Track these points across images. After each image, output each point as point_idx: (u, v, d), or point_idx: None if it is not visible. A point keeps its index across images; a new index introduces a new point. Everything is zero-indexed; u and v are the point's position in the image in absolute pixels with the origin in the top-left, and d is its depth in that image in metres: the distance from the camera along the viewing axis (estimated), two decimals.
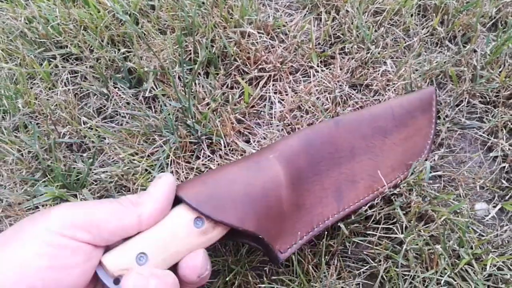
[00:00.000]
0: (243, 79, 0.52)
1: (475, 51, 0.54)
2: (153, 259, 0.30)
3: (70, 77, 0.54)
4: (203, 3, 0.56)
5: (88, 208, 0.30)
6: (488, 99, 0.51)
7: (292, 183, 0.38)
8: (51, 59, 0.55)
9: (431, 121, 0.47)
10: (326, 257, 0.42)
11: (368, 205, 0.42)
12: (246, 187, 0.35)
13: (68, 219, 0.28)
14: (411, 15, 0.56)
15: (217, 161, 0.47)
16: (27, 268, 0.26)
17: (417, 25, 0.57)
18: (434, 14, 0.57)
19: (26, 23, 0.57)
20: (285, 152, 0.39)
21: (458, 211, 0.43)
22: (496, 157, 0.48)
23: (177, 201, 0.33)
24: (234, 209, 0.33)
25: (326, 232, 0.43)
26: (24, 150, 0.48)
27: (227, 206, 0.33)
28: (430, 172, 0.44)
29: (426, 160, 0.45)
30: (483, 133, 0.49)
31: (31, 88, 0.53)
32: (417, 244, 0.40)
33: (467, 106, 0.50)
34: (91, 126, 0.50)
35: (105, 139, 0.49)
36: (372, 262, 0.41)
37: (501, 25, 0.57)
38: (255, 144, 0.48)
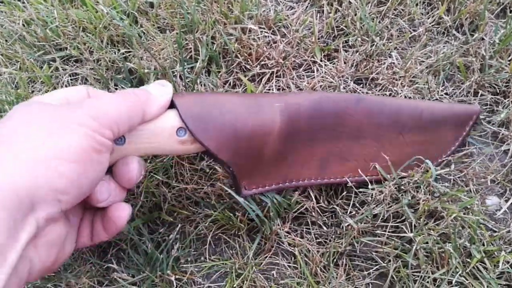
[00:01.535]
0: (245, 76, 0.51)
1: (483, 39, 0.52)
2: (130, 143, 0.34)
3: (71, 79, 0.53)
4: None
5: (108, 107, 0.31)
6: (498, 90, 0.49)
7: (284, 137, 0.38)
8: (51, 62, 0.54)
9: (457, 139, 0.45)
10: (335, 256, 0.41)
11: (374, 206, 0.41)
12: (237, 122, 0.36)
13: (96, 120, 0.29)
14: (416, 4, 0.54)
15: None
16: (66, 156, 0.27)
17: (422, 14, 0.55)
18: (440, 3, 0.55)
19: (24, 26, 0.56)
20: (291, 108, 0.39)
21: (469, 207, 0.42)
22: (508, 150, 0.46)
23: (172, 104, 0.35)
24: (216, 136, 0.35)
25: (333, 233, 0.42)
26: None
27: (211, 130, 0.35)
28: (437, 170, 0.43)
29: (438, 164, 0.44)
30: (493, 125, 0.47)
31: (32, 92, 0.53)
32: (427, 243, 0.39)
33: (475, 97, 0.49)
34: None
35: None
36: (382, 262, 0.41)
37: (510, 12, 0.55)
38: None
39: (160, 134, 0.34)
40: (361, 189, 0.43)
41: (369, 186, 0.42)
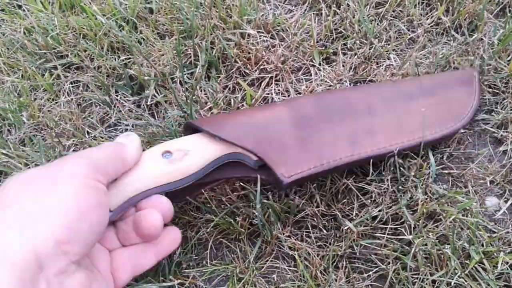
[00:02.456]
0: (244, 81, 0.51)
1: (482, 40, 0.52)
2: (121, 179, 0.35)
3: (72, 87, 0.54)
4: (200, 4, 0.55)
5: (97, 156, 0.33)
6: (497, 90, 0.49)
7: (298, 123, 0.41)
8: (52, 70, 0.55)
9: (472, 93, 0.46)
10: (334, 259, 0.41)
11: (377, 209, 0.41)
12: (249, 118, 0.40)
13: (88, 165, 0.31)
14: (415, 6, 0.55)
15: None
16: (68, 210, 0.28)
17: (421, 15, 0.55)
18: (438, 3, 0.55)
19: (26, 34, 0.57)
20: (294, 103, 0.43)
21: (468, 208, 0.42)
22: (506, 150, 0.47)
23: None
24: (234, 129, 0.38)
25: (333, 236, 0.43)
26: (31, 164, 0.48)
27: (226, 127, 0.38)
28: (437, 170, 0.44)
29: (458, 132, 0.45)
30: (492, 126, 0.48)
31: (34, 99, 0.53)
32: (426, 245, 0.40)
33: None
34: (95, 136, 0.50)
35: None
36: (381, 264, 0.41)
37: (510, 11, 0.55)
38: None
39: (147, 165, 0.36)
40: (361, 184, 0.43)
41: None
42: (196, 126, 0.39)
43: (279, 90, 0.51)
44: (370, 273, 0.41)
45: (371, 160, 0.42)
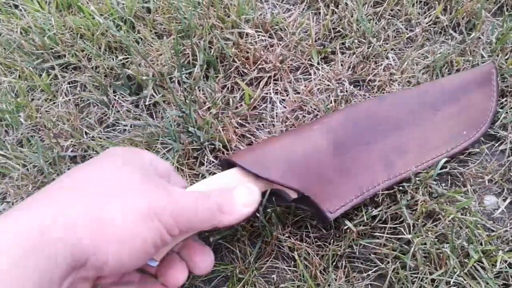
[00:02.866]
0: (243, 80, 0.51)
1: (479, 38, 0.52)
2: None
3: (70, 87, 0.54)
4: (198, 3, 0.55)
5: (189, 212, 0.31)
6: None
7: (335, 151, 0.41)
8: (49, 70, 0.55)
9: (491, 95, 0.47)
10: (334, 259, 0.42)
11: (377, 207, 0.41)
12: (289, 153, 0.39)
13: (173, 218, 0.30)
14: (413, 5, 0.55)
15: (220, 167, 0.46)
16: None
17: (419, 13, 0.55)
18: (436, 2, 0.55)
19: (22, 34, 0.56)
20: (327, 124, 0.42)
21: (466, 207, 0.43)
22: (505, 149, 0.47)
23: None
24: (278, 169, 0.37)
25: (332, 235, 0.43)
26: (29, 164, 0.48)
27: (271, 167, 0.37)
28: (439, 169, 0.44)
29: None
30: (491, 127, 0.48)
31: (32, 100, 0.53)
32: (425, 244, 0.40)
33: None
34: (93, 136, 0.50)
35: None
36: (380, 263, 0.41)
37: (507, 10, 0.55)
38: None
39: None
40: None
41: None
42: (235, 163, 0.37)
43: (277, 89, 0.51)
44: (370, 272, 0.41)
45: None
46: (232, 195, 0.34)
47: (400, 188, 0.43)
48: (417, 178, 0.43)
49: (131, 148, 0.34)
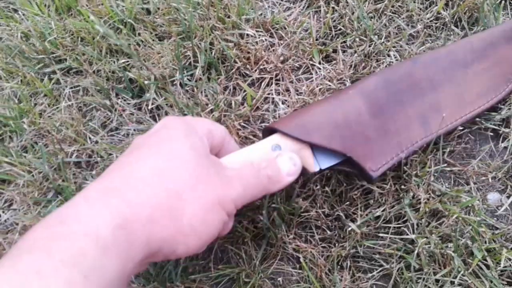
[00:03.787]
0: (244, 81, 0.51)
1: None
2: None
3: (72, 91, 0.54)
4: (198, 4, 0.54)
5: (247, 192, 0.34)
6: None
7: (374, 112, 0.42)
8: (51, 75, 0.55)
9: None
10: (339, 259, 0.42)
11: (380, 208, 0.42)
12: (329, 116, 0.40)
13: (234, 202, 0.33)
14: (414, 1, 0.54)
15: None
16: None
17: (421, 9, 0.55)
18: None
19: (23, 39, 0.56)
20: (364, 88, 0.43)
21: (470, 206, 0.43)
22: (508, 146, 0.47)
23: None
24: (320, 132, 0.39)
25: (337, 236, 0.43)
26: (34, 171, 0.48)
27: (313, 131, 0.39)
28: (439, 167, 0.44)
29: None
30: (494, 123, 0.47)
31: (35, 105, 0.53)
32: (429, 244, 0.40)
33: None
34: (97, 141, 0.50)
35: (112, 154, 0.49)
36: (385, 264, 0.41)
37: (510, 4, 0.54)
38: None
39: (256, 154, 0.37)
40: (364, 185, 0.44)
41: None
42: (279, 130, 0.39)
43: (279, 90, 0.51)
44: (374, 272, 0.42)
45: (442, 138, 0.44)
46: (278, 165, 0.36)
47: (403, 186, 0.43)
48: (417, 177, 0.43)
49: (189, 124, 0.35)
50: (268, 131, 0.41)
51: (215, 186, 0.31)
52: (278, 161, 0.36)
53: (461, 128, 0.45)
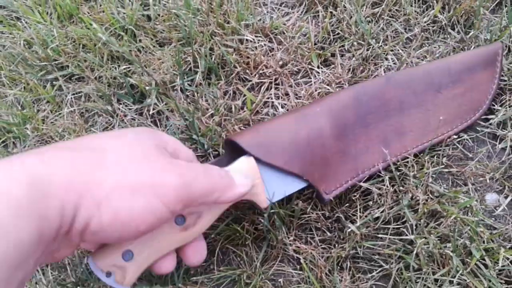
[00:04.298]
0: (244, 86, 0.52)
1: (477, 37, 0.53)
2: (138, 255, 0.34)
3: (74, 98, 0.54)
4: (198, 10, 0.55)
5: (195, 187, 0.31)
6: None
7: (338, 134, 0.42)
8: (54, 81, 0.55)
9: (493, 76, 0.47)
10: (339, 260, 0.42)
11: (379, 211, 0.42)
12: (293, 136, 0.40)
13: (178, 191, 0.30)
14: (411, 5, 0.55)
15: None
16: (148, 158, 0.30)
17: (418, 13, 0.55)
18: (435, 1, 0.55)
19: (26, 47, 0.57)
20: (333, 106, 0.43)
21: (468, 206, 0.43)
22: (505, 147, 0.47)
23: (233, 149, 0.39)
24: (281, 154, 0.39)
25: (336, 238, 0.44)
26: None
27: (275, 151, 0.39)
28: (437, 169, 0.44)
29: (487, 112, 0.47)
30: (491, 125, 0.48)
31: (38, 111, 0.54)
32: (427, 244, 0.41)
33: None
34: None
35: None
36: (384, 264, 0.42)
37: (505, 7, 0.55)
38: None
39: (159, 231, 0.34)
40: (362, 186, 0.44)
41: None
42: (240, 145, 0.38)
43: (278, 94, 0.51)
44: (374, 273, 0.42)
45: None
46: (230, 174, 0.35)
47: (401, 188, 0.44)
48: (415, 179, 0.44)
49: (151, 129, 0.35)
50: (229, 144, 0.40)
51: (154, 170, 0.29)
52: (229, 171, 0.36)
53: (456, 136, 0.46)
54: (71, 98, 0.54)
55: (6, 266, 0.22)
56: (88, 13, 0.58)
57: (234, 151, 0.40)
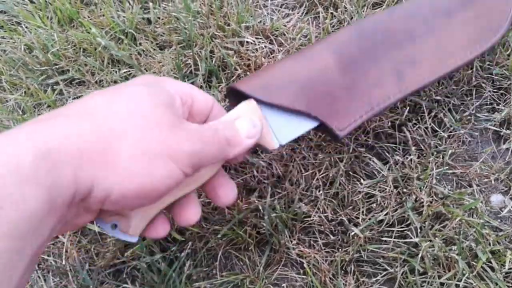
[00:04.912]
0: None
1: None
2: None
3: None
4: (198, 12, 0.55)
5: (203, 153, 0.31)
6: (499, 86, 0.49)
7: (344, 69, 0.39)
8: (54, 86, 0.55)
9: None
10: (343, 264, 0.42)
11: (381, 210, 0.42)
12: (296, 75, 0.38)
13: (190, 159, 0.30)
14: None
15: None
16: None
17: None
18: None
19: (26, 51, 0.57)
20: (334, 42, 0.40)
21: (473, 208, 0.43)
22: (510, 148, 0.47)
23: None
24: (284, 93, 0.37)
25: (340, 241, 0.43)
26: None
27: (277, 91, 0.37)
28: (441, 170, 0.44)
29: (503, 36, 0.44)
30: (495, 125, 0.47)
31: (39, 116, 0.54)
32: (433, 246, 0.40)
33: (476, 96, 0.49)
34: None
35: None
36: (389, 268, 0.41)
37: None
38: (263, 156, 0.48)
39: None
40: (366, 189, 0.44)
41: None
42: (241, 90, 0.37)
43: None
44: (379, 276, 0.42)
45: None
46: (236, 127, 0.34)
47: (405, 190, 0.43)
48: (419, 180, 0.43)
49: (159, 80, 0.34)
50: (232, 93, 0.39)
51: (167, 136, 0.29)
52: (236, 123, 0.34)
53: (462, 131, 0.45)
54: (72, 102, 0.54)
55: (18, 235, 0.22)
56: (88, 17, 0.58)
57: (239, 101, 0.39)
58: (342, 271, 0.42)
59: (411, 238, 0.41)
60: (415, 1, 0.44)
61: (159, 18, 0.56)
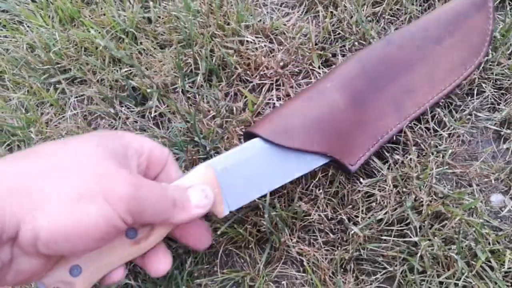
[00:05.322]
0: (245, 87, 0.52)
1: None
2: (86, 270, 0.32)
3: (77, 100, 0.55)
4: (198, 11, 0.55)
5: (146, 201, 0.30)
6: (500, 86, 0.49)
7: (353, 105, 0.42)
8: (57, 85, 0.56)
9: (487, 17, 0.47)
10: (342, 262, 0.42)
11: (381, 211, 0.42)
12: (306, 117, 0.40)
13: (125, 205, 0.29)
14: (412, 3, 0.54)
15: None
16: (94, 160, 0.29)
17: (419, 11, 0.55)
18: None
19: (28, 51, 0.57)
20: (343, 78, 0.43)
21: (473, 207, 0.43)
22: (510, 147, 0.47)
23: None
24: (301, 136, 0.39)
25: (340, 239, 0.43)
26: None
27: (294, 135, 0.39)
28: (441, 169, 0.44)
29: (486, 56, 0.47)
30: (495, 124, 0.47)
31: (41, 114, 0.54)
32: (432, 246, 0.40)
33: (477, 95, 0.49)
34: None
35: None
36: (388, 266, 0.42)
37: (509, 4, 0.54)
38: None
39: (110, 245, 0.33)
40: (365, 188, 0.44)
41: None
42: (260, 136, 0.39)
43: (280, 95, 0.51)
44: (378, 275, 0.42)
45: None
46: (187, 194, 0.34)
47: (404, 189, 0.43)
48: (419, 180, 0.43)
49: (115, 132, 0.34)
50: (248, 135, 0.41)
51: (106, 178, 0.28)
52: (189, 190, 0.34)
53: (462, 131, 0.45)
54: (74, 101, 0.54)
55: None
56: (89, 16, 0.58)
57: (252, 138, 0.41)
58: (342, 269, 0.42)
59: (410, 237, 0.41)
60: (406, 30, 0.46)
61: (159, 17, 0.57)
